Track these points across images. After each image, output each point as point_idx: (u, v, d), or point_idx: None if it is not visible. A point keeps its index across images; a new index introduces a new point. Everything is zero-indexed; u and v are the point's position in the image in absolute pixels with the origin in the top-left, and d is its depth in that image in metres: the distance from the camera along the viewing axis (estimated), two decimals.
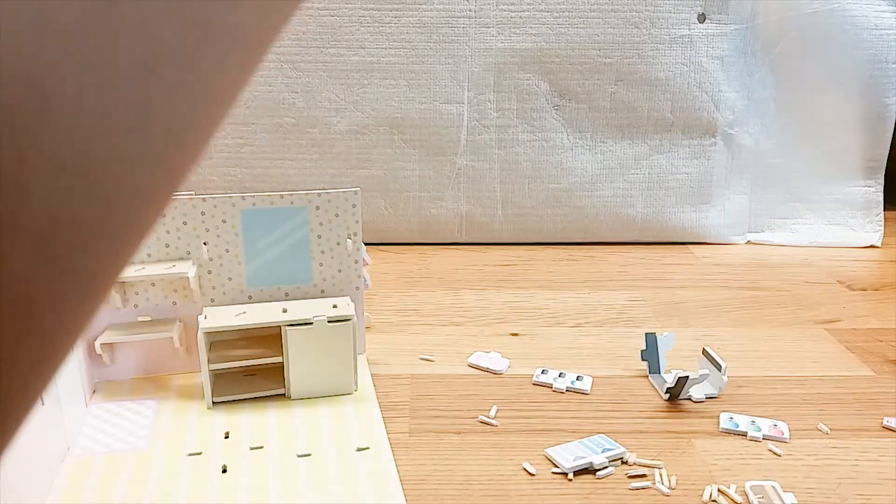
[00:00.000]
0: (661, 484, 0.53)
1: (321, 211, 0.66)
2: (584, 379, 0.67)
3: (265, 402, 0.63)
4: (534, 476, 0.54)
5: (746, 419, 0.61)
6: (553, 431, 0.60)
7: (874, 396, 0.66)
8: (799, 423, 0.61)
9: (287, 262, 0.66)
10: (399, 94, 1.00)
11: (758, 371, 0.70)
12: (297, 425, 0.60)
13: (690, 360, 0.69)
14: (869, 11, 1.00)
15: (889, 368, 0.71)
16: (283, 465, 0.54)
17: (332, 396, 0.63)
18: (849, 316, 0.83)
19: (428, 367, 0.70)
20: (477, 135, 1.03)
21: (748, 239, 1.09)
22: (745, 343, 0.76)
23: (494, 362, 0.70)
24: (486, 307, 0.85)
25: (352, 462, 0.55)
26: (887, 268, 1.00)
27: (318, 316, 0.62)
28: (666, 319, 0.82)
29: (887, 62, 1.02)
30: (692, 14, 1.00)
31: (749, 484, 0.53)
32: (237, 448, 0.56)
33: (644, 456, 0.56)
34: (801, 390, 0.67)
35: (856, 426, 0.61)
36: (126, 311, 0.64)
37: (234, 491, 0.52)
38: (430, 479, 0.54)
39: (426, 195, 1.05)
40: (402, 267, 0.98)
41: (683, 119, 1.04)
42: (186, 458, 0.55)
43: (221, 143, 1.01)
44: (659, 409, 0.63)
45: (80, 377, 0.60)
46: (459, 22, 0.99)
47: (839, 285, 0.93)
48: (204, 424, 0.59)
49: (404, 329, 0.78)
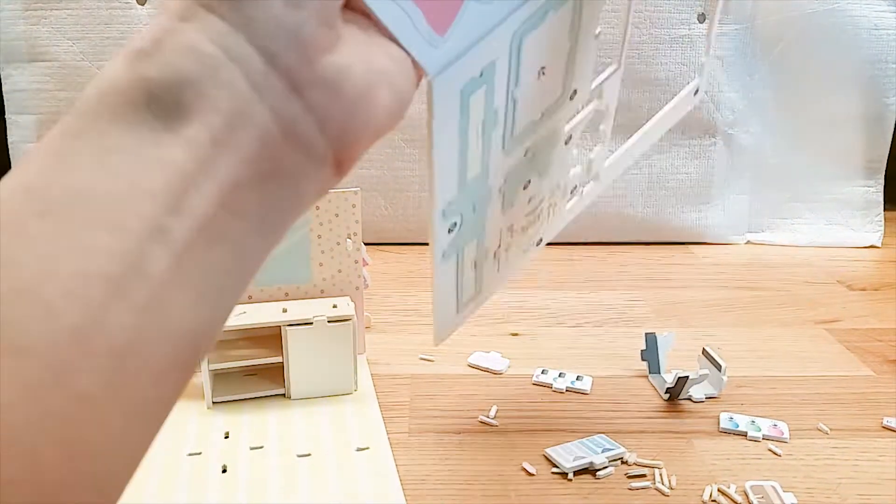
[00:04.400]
0: (661, 484, 0.53)
1: (321, 211, 0.66)
2: (584, 379, 0.67)
3: (265, 402, 0.63)
4: (534, 476, 0.54)
5: (746, 419, 0.61)
6: (553, 431, 0.60)
7: (874, 396, 0.66)
8: (799, 423, 0.61)
9: (287, 261, 0.66)
10: None
11: (758, 371, 0.70)
12: (297, 425, 0.60)
13: (690, 360, 0.69)
14: (869, 11, 1.00)
15: (889, 368, 0.71)
16: (283, 465, 0.54)
17: (332, 396, 0.63)
18: (849, 316, 0.83)
19: (428, 367, 0.70)
20: None
21: (748, 239, 1.09)
22: (745, 343, 0.76)
23: (494, 362, 0.70)
24: (486, 307, 0.84)
25: (352, 462, 0.55)
26: (887, 268, 1.00)
27: (318, 316, 0.62)
28: (666, 319, 0.82)
29: (887, 62, 1.02)
30: (692, 14, 1.00)
31: (749, 484, 0.53)
32: (237, 448, 0.56)
33: (644, 456, 0.56)
34: (801, 390, 0.67)
35: (856, 426, 0.61)
36: None
37: (234, 491, 0.52)
38: (430, 479, 0.54)
39: (426, 195, 1.04)
40: (402, 267, 0.98)
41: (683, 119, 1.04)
42: (186, 457, 0.55)
43: None
44: (659, 409, 0.63)
45: None
46: None
47: (839, 285, 0.93)
48: (204, 424, 0.59)
49: (404, 329, 0.78)
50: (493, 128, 0.36)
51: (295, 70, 0.23)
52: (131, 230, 0.20)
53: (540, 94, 0.39)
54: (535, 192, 0.46)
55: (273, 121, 0.23)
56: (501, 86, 0.34)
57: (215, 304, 0.23)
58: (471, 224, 0.40)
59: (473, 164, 0.36)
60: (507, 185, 0.41)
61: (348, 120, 0.24)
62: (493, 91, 0.34)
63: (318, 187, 0.25)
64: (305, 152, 0.24)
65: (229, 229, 0.22)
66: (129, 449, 0.21)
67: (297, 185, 0.24)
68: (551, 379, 0.67)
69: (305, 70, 0.23)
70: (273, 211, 0.24)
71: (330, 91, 0.24)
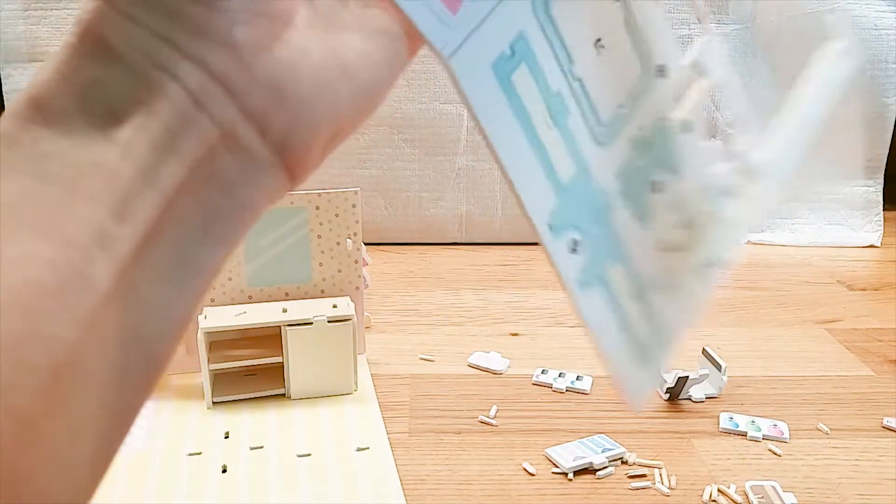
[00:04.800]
0: (661, 484, 0.53)
1: (321, 211, 0.66)
2: (584, 379, 0.67)
3: (265, 402, 0.63)
4: (534, 476, 0.54)
5: (746, 419, 0.61)
6: (553, 431, 0.60)
7: (874, 396, 0.66)
8: (799, 423, 0.61)
9: (287, 261, 0.66)
10: (399, 94, 1.00)
11: (758, 371, 0.70)
12: (297, 425, 0.60)
13: (690, 360, 0.69)
14: (869, 11, 1.00)
15: (889, 368, 0.71)
16: (283, 465, 0.54)
17: (332, 396, 0.63)
18: (849, 316, 0.83)
19: (428, 367, 0.70)
20: (477, 135, 1.03)
21: (748, 239, 1.09)
22: (745, 343, 0.76)
23: (494, 362, 0.70)
24: (486, 307, 0.85)
25: (352, 462, 0.55)
26: (887, 268, 1.00)
27: (318, 316, 0.62)
28: None
29: (887, 62, 1.02)
30: (692, 14, 1.00)
31: (749, 484, 0.53)
32: (237, 448, 0.56)
33: (644, 456, 0.56)
34: (801, 390, 0.67)
35: (856, 426, 0.61)
36: None
37: (234, 491, 0.52)
38: (430, 479, 0.54)
39: (426, 195, 1.05)
40: (402, 267, 0.98)
41: None
42: (186, 458, 0.55)
43: None
44: (659, 409, 0.63)
45: None
46: None
47: (839, 285, 0.93)
48: (204, 424, 0.59)
49: (404, 329, 0.78)
50: (565, 115, 0.32)
51: (229, 75, 0.21)
52: (72, 238, 0.19)
53: (612, 73, 0.35)
54: (676, 198, 0.40)
55: (212, 126, 0.21)
56: (549, 63, 0.31)
57: (166, 315, 0.21)
58: (602, 241, 0.34)
59: (562, 162, 0.32)
60: (628, 188, 0.36)
61: (293, 125, 0.23)
62: (539, 70, 0.30)
63: (268, 194, 0.24)
64: (248, 159, 0.22)
65: (174, 237, 0.21)
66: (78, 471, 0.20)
67: (242, 192, 0.23)
68: (551, 379, 0.67)
69: (240, 74, 0.22)
70: (218, 219, 0.22)
71: (269, 95, 0.22)
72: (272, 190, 0.24)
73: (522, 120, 0.30)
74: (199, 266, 0.22)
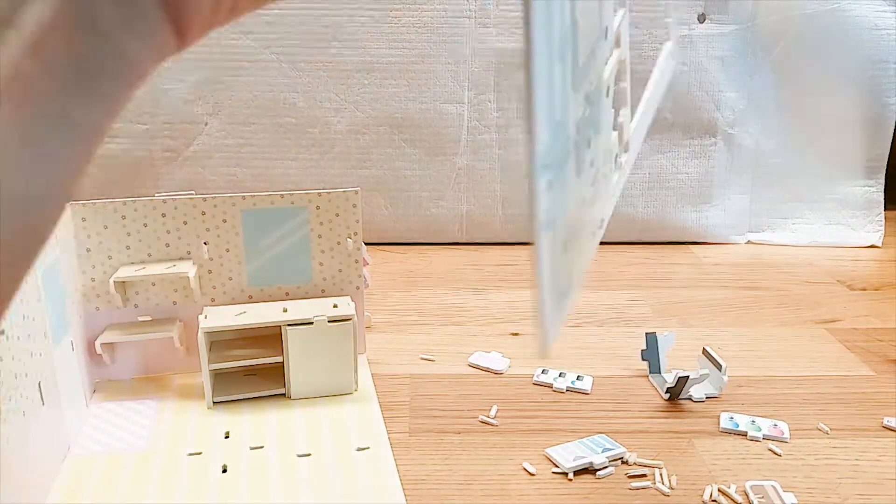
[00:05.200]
0: (661, 484, 0.53)
1: (321, 211, 0.66)
2: (585, 379, 0.67)
3: (265, 401, 0.63)
4: (534, 476, 0.54)
5: (746, 419, 0.61)
6: (553, 431, 0.60)
7: (874, 396, 0.66)
8: (799, 423, 0.61)
9: (287, 261, 0.66)
10: (399, 94, 1.00)
11: (758, 371, 0.70)
12: (297, 425, 0.60)
13: (690, 360, 0.69)
14: (869, 11, 1.00)
15: (889, 368, 0.71)
16: (283, 464, 0.55)
17: (332, 396, 0.63)
18: (849, 316, 0.83)
19: (428, 367, 0.70)
20: (477, 135, 1.03)
21: (748, 239, 1.09)
22: (745, 343, 0.76)
23: (495, 362, 0.70)
24: (486, 307, 0.85)
25: (352, 462, 0.55)
26: (887, 268, 1.00)
27: (318, 316, 0.62)
28: (666, 319, 0.82)
29: (887, 62, 1.02)
30: (692, 14, 1.00)
31: (749, 484, 0.53)
32: (237, 448, 0.56)
33: (644, 456, 0.56)
34: (801, 390, 0.67)
35: (856, 426, 0.61)
36: (126, 311, 0.64)
37: (234, 491, 0.52)
38: (430, 479, 0.54)
39: (426, 195, 1.05)
40: (402, 267, 0.98)
41: (684, 119, 1.04)
42: (186, 457, 0.55)
43: (222, 143, 1.01)
44: (659, 409, 0.63)
45: (81, 377, 0.60)
46: (459, 22, 0.99)
47: (839, 285, 0.93)
48: (204, 424, 0.59)
49: (404, 329, 0.78)
50: (567, 51, 0.31)
51: None
52: None
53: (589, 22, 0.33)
54: (594, 156, 0.39)
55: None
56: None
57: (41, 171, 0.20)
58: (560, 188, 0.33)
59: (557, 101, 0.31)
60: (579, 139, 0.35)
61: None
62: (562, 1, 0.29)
63: (151, 49, 0.22)
64: (131, 7, 0.21)
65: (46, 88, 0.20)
66: None
67: (121, 41, 0.21)
68: (551, 379, 0.67)
69: None
70: (90, 68, 0.21)
71: None
72: (160, 48, 0.22)
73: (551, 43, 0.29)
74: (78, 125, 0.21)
